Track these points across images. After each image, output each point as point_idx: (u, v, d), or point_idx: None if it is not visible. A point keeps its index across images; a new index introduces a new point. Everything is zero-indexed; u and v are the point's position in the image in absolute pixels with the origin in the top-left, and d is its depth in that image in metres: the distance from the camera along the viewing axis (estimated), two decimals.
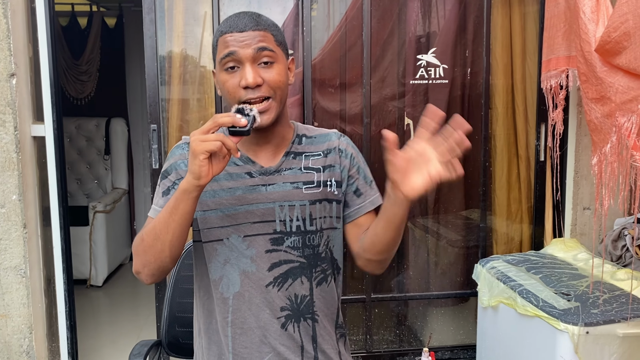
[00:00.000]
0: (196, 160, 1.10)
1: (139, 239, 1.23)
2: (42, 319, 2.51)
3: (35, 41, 2.45)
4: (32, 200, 2.45)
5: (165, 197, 1.28)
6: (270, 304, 1.28)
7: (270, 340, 1.28)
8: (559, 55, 2.29)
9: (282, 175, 1.30)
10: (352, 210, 1.37)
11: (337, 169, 1.35)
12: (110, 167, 4.83)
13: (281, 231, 1.29)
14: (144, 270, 1.23)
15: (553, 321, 1.95)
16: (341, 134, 1.41)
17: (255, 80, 1.20)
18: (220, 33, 1.24)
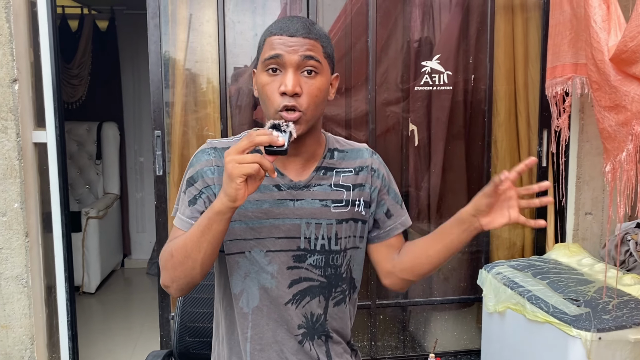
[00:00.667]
0: (233, 184, 1.05)
1: (167, 255, 1.20)
2: (43, 329, 2.46)
3: (37, 46, 2.40)
4: (34, 207, 2.40)
5: (192, 207, 1.24)
6: (288, 321, 1.27)
7: (287, 356, 1.27)
8: (565, 63, 2.31)
9: (311, 191, 1.27)
10: (383, 231, 1.37)
11: (367, 189, 1.33)
12: (102, 172, 4.76)
13: (305, 248, 1.26)
14: (173, 285, 1.21)
15: (565, 327, 1.96)
16: (373, 151, 1.39)
17: (294, 89, 1.16)
18: (269, 33, 1.21)
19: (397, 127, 2.76)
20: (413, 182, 2.82)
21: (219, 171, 1.25)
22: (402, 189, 2.83)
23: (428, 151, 2.80)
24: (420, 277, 1.33)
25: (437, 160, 2.80)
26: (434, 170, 2.81)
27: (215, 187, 1.24)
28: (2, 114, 2.22)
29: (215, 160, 1.26)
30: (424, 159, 2.80)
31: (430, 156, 2.80)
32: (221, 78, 2.52)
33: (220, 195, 1.09)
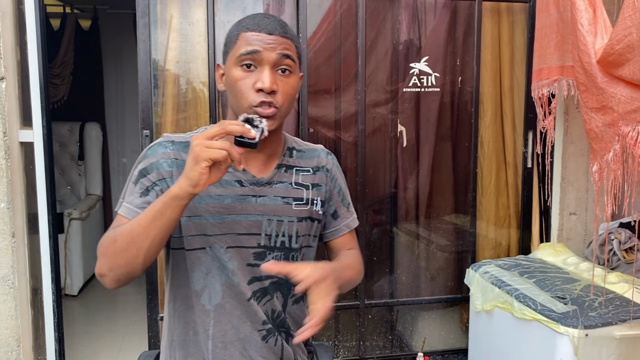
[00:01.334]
0: (197, 167, 1.03)
1: (109, 240, 1.13)
2: (29, 331, 2.43)
3: (23, 44, 2.37)
4: (20, 208, 2.36)
5: (144, 198, 1.20)
6: (252, 316, 1.26)
7: (250, 353, 1.26)
8: (551, 65, 2.35)
9: (274, 188, 1.28)
10: (329, 232, 1.41)
11: (323, 189, 1.36)
12: (84, 173, 4.71)
13: (265, 245, 1.27)
14: (110, 274, 1.14)
15: (553, 324, 2.00)
16: (328, 152, 1.41)
17: (272, 86, 1.16)
18: (244, 29, 1.19)
19: (385, 128, 2.78)
20: (401, 182, 2.85)
21: (177, 164, 1.22)
22: (390, 189, 2.86)
23: (416, 152, 2.82)
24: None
25: (424, 161, 2.83)
26: (421, 171, 2.84)
27: (173, 179, 1.21)
28: None
29: (174, 153, 1.23)
30: (412, 160, 2.83)
31: (418, 157, 2.83)
32: (211, 78, 2.52)
33: (180, 179, 1.07)
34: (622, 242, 2.49)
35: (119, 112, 5.08)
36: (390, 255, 2.89)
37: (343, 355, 2.81)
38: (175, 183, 1.09)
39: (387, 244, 2.88)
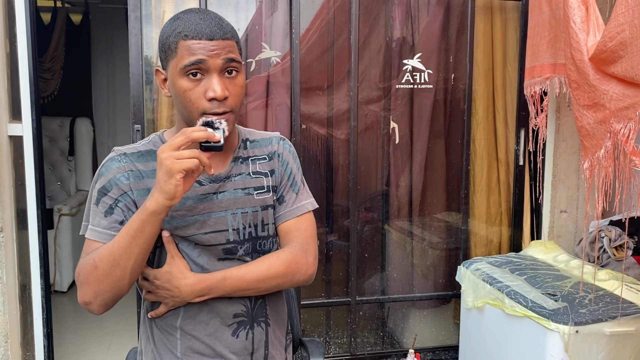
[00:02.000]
0: (172, 180, 1.05)
1: (89, 267, 1.13)
2: (17, 327, 2.40)
3: (13, 37, 2.34)
4: (9, 202, 2.34)
5: (110, 217, 1.19)
6: (222, 311, 1.25)
7: (218, 348, 1.25)
8: (544, 63, 2.36)
9: (233, 181, 1.27)
10: (275, 217, 1.35)
11: (276, 174, 1.34)
12: (75, 169, 4.67)
13: (234, 240, 1.26)
14: (96, 301, 1.14)
15: (543, 321, 2.00)
16: (282, 138, 1.39)
17: (223, 93, 1.15)
18: (183, 36, 1.15)
19: (378, 125, 2.78)
20: (393, 179, 2.84)
21: (133, 176, 1.22)
22: (382, 186, 2.85)
23: (408, 149, 2.82)
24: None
25: (417, 158, 2.83)
26: (414, 168, 2.84)
27: (133, 192, 1.21)
28: None
29: (128, 165, 1.23)
30: (404, 157, 2.83)
31: (411, 154, 2.83)
32: None
33: (155, 194, 1.08)
34: (612, 239, 2.50)
35: (110, 107, 5.05)
36: (381, 252, 2.89)
37: (334, 351, 2.81)
38: (149, 199, 1.09)
39: (378, 241, 2.88)
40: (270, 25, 2.62)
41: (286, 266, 1.26)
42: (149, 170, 1.23)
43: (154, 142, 1.28)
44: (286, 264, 1.26)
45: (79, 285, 1.16)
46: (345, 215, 2.77)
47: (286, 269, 1.26)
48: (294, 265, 1.27)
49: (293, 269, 1.27)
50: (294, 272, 1.27)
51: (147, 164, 1.24)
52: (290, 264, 1.26)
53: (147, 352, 1.30)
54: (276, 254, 1.29)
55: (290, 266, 1.26)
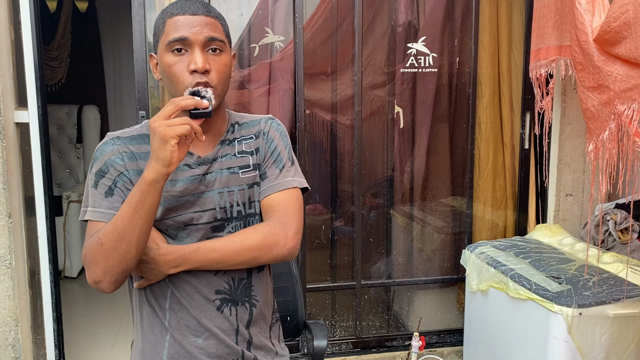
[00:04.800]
0: (167, 146, 1.08)
1: (95, 245, 1.15)
2: (27, 311, 2.44)
3: (17, 24, 2.35)
4: (16, 188, 2.37)
5: (111, 198, 1.22)
6: (205, 286, 1.28)
7: (204, 321, 1.28)
8: (549, 45, 2.34)
9: (219, 162, 1.31)
10: (259, 192, 1.35)
11: (262, 152, 1.36)
12: (83, 156, 4.71)
13: (222, 218, 1.29)
14: (106, 278, 1.16)
15: (547, 303, 2.01)
16: (271, 118, 1.41)
17: (204, 66, 1.20)
18: (169, 14, 1.22)
19: (382, 110, 2.77)
20: (398, 164, 2.84)
21: (128, 156, 1.26)
22: (387, 171, 2.86)
23: (413, 133, 2.82)
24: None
25: (422, 142, 2.82)
26: (418, 152, 2.83)
27: (129, 172, 1.25)
28: None
29: (121, 147, 1.27)
30: (409, 141, 2.83)
31: (415, 138, 2.82)
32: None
33: (151, 164, 1.11)
34: (617, 222, 2.49)
35: (117, 94, 5.07)
36: (386, 237, 2.90)
37: (340, 334, 2.83)
38: (146, 170, 1.12)
39: (383, 225, 2.88)
40: (274, 9, 2.62)
41: (262, 239, 1.25)
42: (141, 153, 1.27)
43: (146, 126, 1.32)
44: (262, 236, 1.25)
45: (87, 265, 1.18)
46: (350, 200, 2.77)
47: (262, 242, 1.25)
48: (270, 237, 1.26)
49: (270, 242, 1.26)
50: (271, 245, 1.26)
51: (139, 146, 1.28)
52: (266, 237, 1.26)
53: (141, 323, 1.33)
54: (253, 227, 1.29)
55: (266, 239, 1.26)
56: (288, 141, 1.40)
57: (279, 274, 1.88)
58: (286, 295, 1.89)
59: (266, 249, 1.26)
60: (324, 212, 2.81)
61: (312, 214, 2.75)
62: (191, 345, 1.28)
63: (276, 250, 1.27)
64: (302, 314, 1.89)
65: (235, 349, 1.31)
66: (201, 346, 1.28)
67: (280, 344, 1.47)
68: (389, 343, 2.85)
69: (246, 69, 2.62)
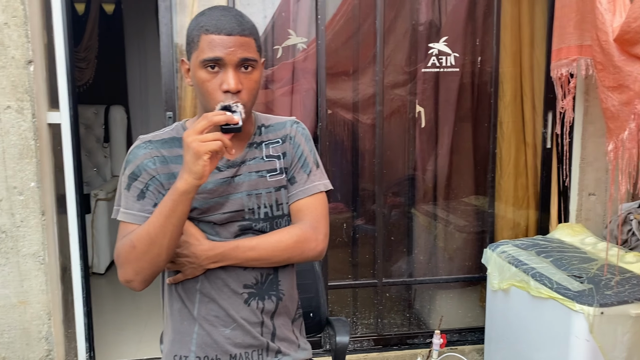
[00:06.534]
0: (199, 161, 1.14)
1: (128, 247, 1.23)
2: (59, 306, 2.53)
3: (49, 28, 2.44)
4: (49, 187, 2.45)
5: (142, 201, 1.30)
6: (234, 280, 1.34)
7: (231, 312, 1.34)
8: (570, 45, 2.34)
9: (247, 165, 1.36)
10: (288, 196, 1.41)
11: (288, 156, 1.41)
12: (110, 155, 4.82)
13: (249, 219, 1.35)
14: (137, 278, 1.25)
15: (568, 302, 2.02)
16: (295, 121, 1.45)
17: (237, 87, 1.24)
18: (204, 30, 1.24)
19: (403, 109, 2.80)
20: (419, 163, 2.87)
21: (160, 160, 1.32)
22: (408, 170, 2.88)
23: (435, 133, 2.84)
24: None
25: (443, 142, 2.84)
26: (440, 152, 2.85)
27: (160, 176, 1.31)
28: (18, 95, 2.27)
29: (153, 151, 1.33)
30: (430, 141, 2.85)
31: (437, 138, 2.84)
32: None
33: (184, 176, 1.17)
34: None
35: (143, 95, 5.17)
36: (408, 235, 2.92)
37: (361, 331, 2.87)
38: (179, 180, 1.18)
39: (405, 224, 2.91)
40: (296, 11, 2.66)
41: (295, 241, 1.34)
42: (172, 156, 1.33)
43: (177, 129, 1.38)
44: (295, 238, 1.35)
45: (119, 265, 1.26)
46: (371, 199, 2.81)
47: (295, 244, 1.34)
48: (302, 240, 1.35)
49: (302, 244, 1.35)
50: (302, 247, 1.35)
51: (171, 150, 1.34)
52: (299, 239, 1.35)
53: (172, 315, 1.40)
54: (287, 228, 1.37)
55: (299, 241, 1.35)
56: (312, 144, 1.46)
57: (301, 271, 1.92)
58: (309, 292, 1.93)
59: (298, 250, 1.35)
60: (345, 211, 2.85)
61: (333, 213, 2.79)
62: (219, 335, 1.34)
63: (307, 252, 1.36)
64: (325, 310, 1.94)
65: (260, 340, 1.37)
66: (229, 336, 1.34)
67: (303, 338, 1.51)
68: (410, 341, 2.87)
69: (269, 69, 2.67)
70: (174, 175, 1.30)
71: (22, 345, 2.41)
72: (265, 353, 1.38)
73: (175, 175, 1.30)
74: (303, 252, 1.36)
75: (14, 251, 2.34)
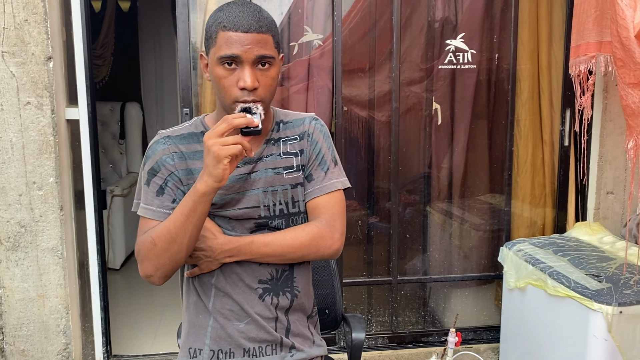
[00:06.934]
0: (220, 165, 1.15)
1: (148, 244, 1.26)
2: (76, 300, 2.56)
3: (68, 25, 2.46)
4: (67, 182, 2.48)
5: (162, 197, 1.31)
6: (249, 275, 1.35)
7: (246, 307, 1.35)
8: (589, 41, 2.31)
9: (264, 162, 1.37)
10: (305, 194, 1.41)
11: (306, 153, 1.41)
12: (125, 151, 4.85)
13: (265, 216, 1.36)
14: (157, 274, 1.27)
15: (586, 301, 2.00)
16: (315, 118, 1.45)
17: (253, 84, 1.23)
18: (222, 27, 1.24)
19: (419, 106, 2.79)
20: (435, 161, 2.85)
21: (178, 156, 1.33)
22: (424, 167, 2.87)
23: (451, 130, 2.82)
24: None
25: (459, 139, 2.83)
26: (456, 149, 2.84)
27: (178, 172, 1.33)
28: (37, 91, 2.29)
29: (172, 147, 1.34)
30: (446, 138, 2.83)
31: (453, 135, 2.83)
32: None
33: (204, 178, 1.18)
34: None
35: (158, 92, 5.20)
36: (423, 233, 2.91)
37: (376, 329, 2.87)
38: (199, 182, 1.20)
39: (420, 222, 2.90)
40: (312, 8, 2.66)
41: (311, 239, 1.35)
42: (190, 152, 1.34)
43: (195, 124, 1.39)
44: (310, 236, 1.35)
45: (140, 260, 1.29)
46: (386, 197, 2.80)
47: (310, 241, 1.35)
48: (318, 238, 1.35)
49: (317, 242, 1.35)
50: (318, 245, 1.35)
51: (189, 145, 1.35)
52: (314, 237, 1.35)
53: (188, 308, 1.42)
54: (302, 226, 1.37)
55: (314, 239, 1.35)
56: (331, 142, 1.45)
57: (317, 268, 1.92)
58: (324, 288, 1.93)
59: (314, 248, 1.35)
60: (360, 208, 2.84)
61: (348, 210, 2.77)
62: (233, 329, 1.35)
63: (323, 250, 1.36)
64: (340, 307, 1.94)
65: (274, 335, 1.37)
66: (242, 330, 1.35)
67: (318, 334, 1.52)
68: (425, 338, 2.87)
69: (284, 66, 2.67)
70: (192, 171, 1.32)
71: (40, 339, 2.44)
72: (279, 348, 1.39)
73: (193, 171, 1.32)
74: (318, 250, 1.36)
75: (33, 245, 2.37)
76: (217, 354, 1.36)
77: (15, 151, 2.30)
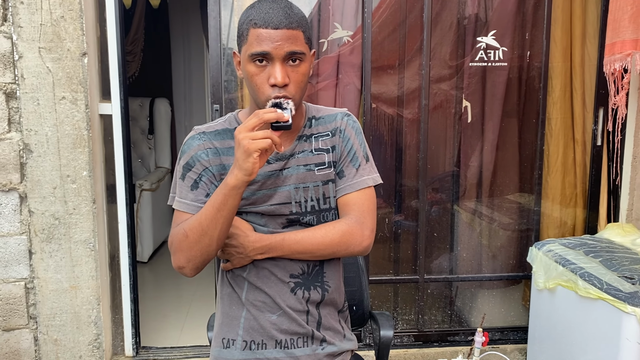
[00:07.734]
0: (250, 159, 1.16)
1: (181, 236, 1.28)
2: (107, 291, 2.61)
3: (102, 22, 2.50)
4: (100, 176, 2.52)
5: (196, 191, 1.33)
6: (281, 269, 1.37)
7: (278, 301, 1.37)
8: (625, 39, 2.27)
9: (296, 158, 1.37)
10: (336, 190, 1.41)
11: (338, 150, 1.41)
12: (154, 147, 4.92)
13: (297, 212, 1.37)
14: (189, 265, 1.29)
15: (619, 304, 1.96)
16: (347, 114, 1.45)
17: (284, 80, 1.24)
18: (253, 24, 1.24)
19: (449, 104, 2.76)
20: (464, 159, 2.83)
21: (212, 152, 1.35)
22: (453, 166, 2.85)
23: (481, 128, 2.80)
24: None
25: (489, 138, 2.80)
26: (485, 147, 2.81)
27: (212, 167, 1.34)
28: (72, 86, 2.34)
29: (207, 143, 1.36)
30: (476, 136, 2.81)
31: (483, 133, 2.80)
32: None
33: (234, 171, 1.19)
34: None
35: (187, 88, 5.25)
36: (451, 232, 2.89)
37: (402, 327, 2.86)
38: (229, 175, 1.21)
39: (447, 221, 2.88)
40: (342, 4, 2.66)
41: (341, 236, 1.35)
42: (224, 148, 1.36)
43: (229, 121, 1.41)
44: (341, 233, 1.35)
45: (173, 252, 1.32)
46: (413, 195, 2.79)
47: (341, 239, 1.35)
48: (348, 235, 1.36)
49: (347, 239, 1.36)
50: (348, 242, 1.36)
51: (223, 141, 1.37)
52: (344, 234, 1.35)
53: (222, 299, 1.46)
54: (333, 223, 1.38)
55: (344, 236, 1.35)
56: (363, 138, 1.45)
57: (345, 265, 1.92)
58: (352, 285, 1.93)
59: (344, 245, 1.36)
60: (387, 206, 2.84)
61: None
62: (266, 321, 1.37)
63: (353, 247, 1.37)
64: (368, 304, 1.94)
65: (306, 328, 1.39)
66: (275, 322, 1.37)
67: (349, 329, 1.53)
68: (451, 338, 2.85)
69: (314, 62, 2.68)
70: (225, 167, 1.34)
71: (72, 329, 2.50)
72: (311, 341, 1.40)
73: (226, 167, 1.34)
74: (348, 247, 1.36)
75: (67, 237, 2.42)
76: (250, 344, 1.38)
77: (50, 145, 2.35)
